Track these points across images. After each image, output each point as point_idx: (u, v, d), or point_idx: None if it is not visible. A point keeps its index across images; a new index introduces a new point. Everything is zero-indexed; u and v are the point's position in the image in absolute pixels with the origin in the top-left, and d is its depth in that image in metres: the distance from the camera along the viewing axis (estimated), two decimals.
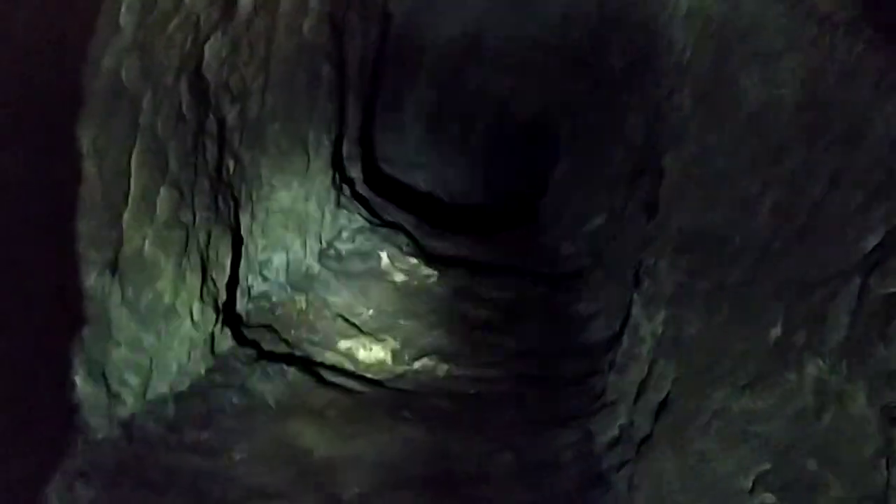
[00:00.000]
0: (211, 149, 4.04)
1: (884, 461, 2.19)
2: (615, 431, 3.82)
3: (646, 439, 3.38)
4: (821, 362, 2.41)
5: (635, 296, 3.92)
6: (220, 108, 4.17)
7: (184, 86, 3.61)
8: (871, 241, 2.30)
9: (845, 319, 2.34)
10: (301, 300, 5.38)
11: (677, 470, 3.01)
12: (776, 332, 2.64)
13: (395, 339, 5.34)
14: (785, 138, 2.72)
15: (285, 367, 4.52)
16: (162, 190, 3.57)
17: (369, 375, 4.93)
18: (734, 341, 2.87)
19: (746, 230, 2.92)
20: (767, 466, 2.57)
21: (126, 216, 3.42)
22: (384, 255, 6.19)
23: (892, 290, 2.16)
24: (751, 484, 2.63)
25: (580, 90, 7.57)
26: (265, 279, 5.20)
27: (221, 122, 4.22)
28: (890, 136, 2.26)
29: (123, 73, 3.20)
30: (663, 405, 3.31)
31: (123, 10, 3.06)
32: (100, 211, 3.25)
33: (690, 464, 2.96)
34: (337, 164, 6.03)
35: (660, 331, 3.49)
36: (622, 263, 5.32)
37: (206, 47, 3.77)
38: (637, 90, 5.74)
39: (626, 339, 4.08)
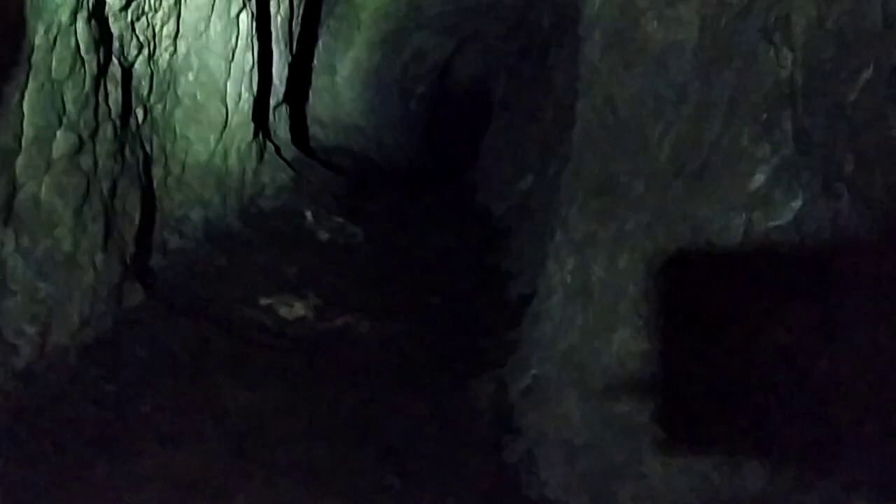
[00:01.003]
0: (114, 95, 3.89)
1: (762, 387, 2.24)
2: (528, 381, 3.84)
3: (554, 385, 3.41)
4: None
5: (548, 246, 3.94)
6: (124, 53, 4.01)
7: (81, 25, 3.46)
8: (759, 178, 2.33)
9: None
10: (221, 258, 5.27)
11: (580, 411, 3.04)
12: (671, 271, 2.67)
13: (318, 296, 5.27)
14: (685, 79, 2.74)
15: (200, 322, 4.43)
16: (58, 134, 3.43)
17: (290, 332, 4.87)
18: (634, 284, 2.90)
19: (649, 175, 2.94)
20: (660, 403, 2.61)
21: (19, 160, 3.27)
22: (309, 213, 6.10)
23: (772, 223, 2.19)
24: (646, 419, 2.67)
25: (514, 51, 7.54)
26: (182, 236, 5.06)
27: (127, 69, 4.06)
28: (775, 76, 2.28)
29: (11, 8, 3.05)
30: (569, 351, 3.34)
31: None
32: None
33: (593, 404, 3.00)
34: (259, 120, 5.90)
35: (569, 279, 3.51)
36: (545, 220, 5.35)
37: None
38: (564, 46, 5.74)
39: (540, 291, 4.11)
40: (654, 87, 2.92)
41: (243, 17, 5.10)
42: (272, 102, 6.53)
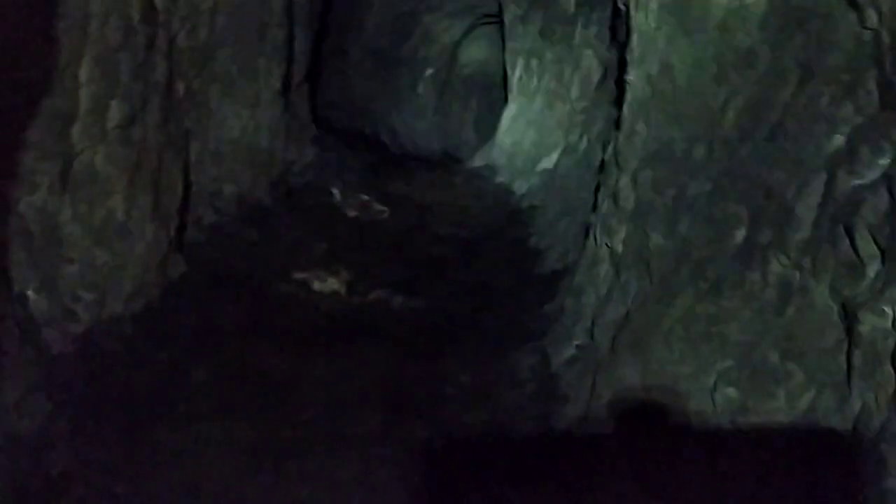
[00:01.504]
0: (161, 67, 3.89)
1: (844, 348, 2.28)
2: (572, 350, 3.88)
3: (606, 353, 3.44)
4: (785, 259, 2.49)
5: (593, 218, 3.96)
6: (169, 26, 4.01)
7: None
8: (839, 139, 2.36)
9: (810, 215, 2.41)
10: (253, 233, 5.29)
11: (639, 375, 3.08)
12: (741, 234, 2.71)
13: (349, 271, 5.30)
14: (753, 44, 2.77)
15: (240, 293, 4.46)
16: (113, 103, 3.43)
17: (324, 306, 4.90)
18: (697, 248, 2.93)
19: (711, 141, 2.96)
20: (730, 363, 2.65)
21: (75, 128, 3.28)
22: (336, 191, 6.12)
23: (858, 181, 2.23)
24: (713, 381, 2.71)
25: (533, 30, 7.54)
26: (216, 210, 5.08)
27: (171, 42, 4.06)
28: (857, 36, 2.32)
29: None
30: (624, 320, 3.37)
31: None
32: (48, 121, 3.12)
33: (653, 369, 3.03)
34: (287, 96, 5.90)
35: (620, 249, 3.54)
36: (576, 196, 5.38)
37: None
38: (592, 25, 5.75)
39: (582, 264, 4.13)
40: (717, 52, 2.95)
41: None
42: (297, 78, 6.51)
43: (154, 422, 3.25)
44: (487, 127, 10.45)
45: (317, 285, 5.09)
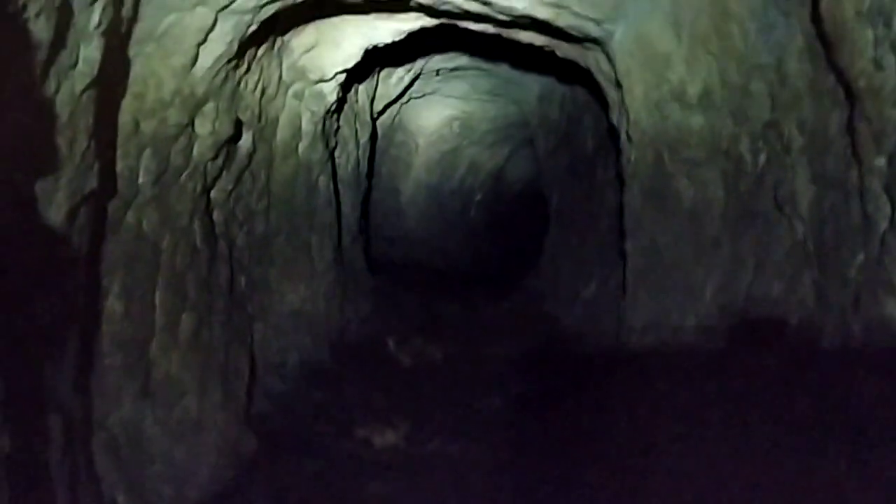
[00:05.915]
0: (224, 271, 4.50)
1: None
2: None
3: None
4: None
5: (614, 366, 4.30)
6: (229, 233, 4.64)
7: (197, 224, 4.09)
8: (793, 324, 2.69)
9: None
10: (317, 394, 5.78)
11: None
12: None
13: (407, 421, 5.69)
14: (717, 232, 3.15)
15: (307, 460, 4.90)
16: (183, 316, 4.02)
17: (385, 459, 5.28)
18: None
19: (697, 315, 3.32)
20: None
21: (153, 344, 3.86)
22: (391, 340, 6.61)
23: None
24: None
25: (562, 164, 8.06)
26: (283, 380, 5.60)
27: (231, 245, 4.69)
28: (793, 239, 2.68)
29: (144, 224, 3.68)
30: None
31: (142, 171, 3.56)
32: (131, 345, 3.69)
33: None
34: (339, 260, 6.49)
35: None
36: (610, 331, 5.71)
37: (214, 188, 4.27)
38: (609, 168, 6.21)
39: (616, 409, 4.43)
40: (690, 237, 3.33)
41: (322, 179, 5.76)
42: (347, 240, 7.13)
43: None
44: (536, 245, 10.90)
45: (377, 440, 5.49)
